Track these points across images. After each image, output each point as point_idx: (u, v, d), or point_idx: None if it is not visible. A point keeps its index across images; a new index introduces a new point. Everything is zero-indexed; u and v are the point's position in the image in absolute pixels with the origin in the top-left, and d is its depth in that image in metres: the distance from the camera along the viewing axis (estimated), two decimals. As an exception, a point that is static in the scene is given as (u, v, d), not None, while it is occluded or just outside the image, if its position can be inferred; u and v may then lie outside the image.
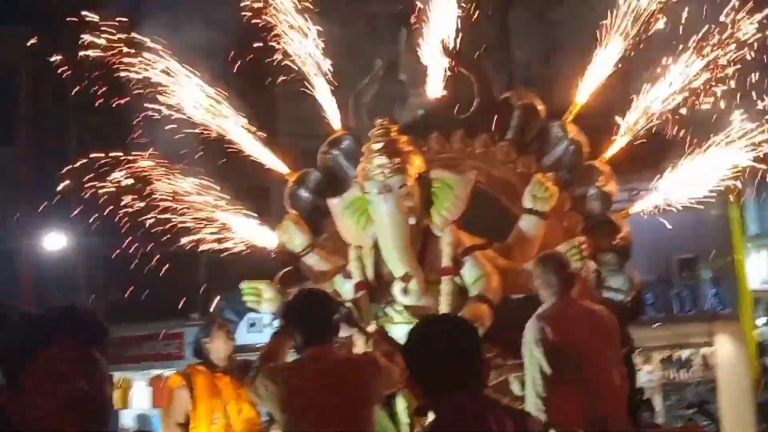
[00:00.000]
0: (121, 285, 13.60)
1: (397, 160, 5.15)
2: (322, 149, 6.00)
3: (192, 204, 6.10)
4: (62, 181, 6.78)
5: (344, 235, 5.53)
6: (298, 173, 6.04)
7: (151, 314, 13.96)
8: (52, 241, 15.18)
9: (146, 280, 8.36)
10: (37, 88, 15.76)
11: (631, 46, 5.77)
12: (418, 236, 5.24)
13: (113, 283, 13.82)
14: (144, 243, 6.81)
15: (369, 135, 5.32)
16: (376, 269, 5.31)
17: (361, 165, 5.31)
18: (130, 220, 6.18)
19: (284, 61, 6.12)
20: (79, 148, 14.59)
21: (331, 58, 6.09)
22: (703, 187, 5.77)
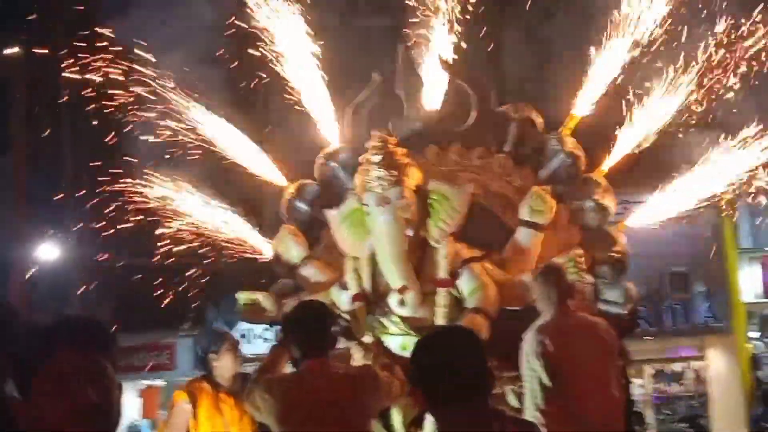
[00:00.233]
0: (113, 295, 13.58)
1: (395, 173, 5.16)
2: (319, 161, 6.00)
3: (185, 214, 6.09)
4: (57, 193, 6.78)
5: (341, 246, 5.53)
6: (296, 185, 6.04)
7: (142, 325, 13.88)
8: (44, 251, 15.13)
9: (137, 291, 8.34)
10: (32, 98, 15.70)
11: (627, 60, 5.81)
12: (415, 248, 5.25)
13: (105, 294, 13.75)
14: (135, 253, 6.80)
15: (366, 147, 5.34)
16: (373, 280, 5.32)
17: (359, 177, 5.32)
18: (122, 230, 6.17)
19: (279, 75, 6.15)
20: (73, 159, 14.58)
21: (326, 73, 6.11)
22: (696, 201, 5.80)
